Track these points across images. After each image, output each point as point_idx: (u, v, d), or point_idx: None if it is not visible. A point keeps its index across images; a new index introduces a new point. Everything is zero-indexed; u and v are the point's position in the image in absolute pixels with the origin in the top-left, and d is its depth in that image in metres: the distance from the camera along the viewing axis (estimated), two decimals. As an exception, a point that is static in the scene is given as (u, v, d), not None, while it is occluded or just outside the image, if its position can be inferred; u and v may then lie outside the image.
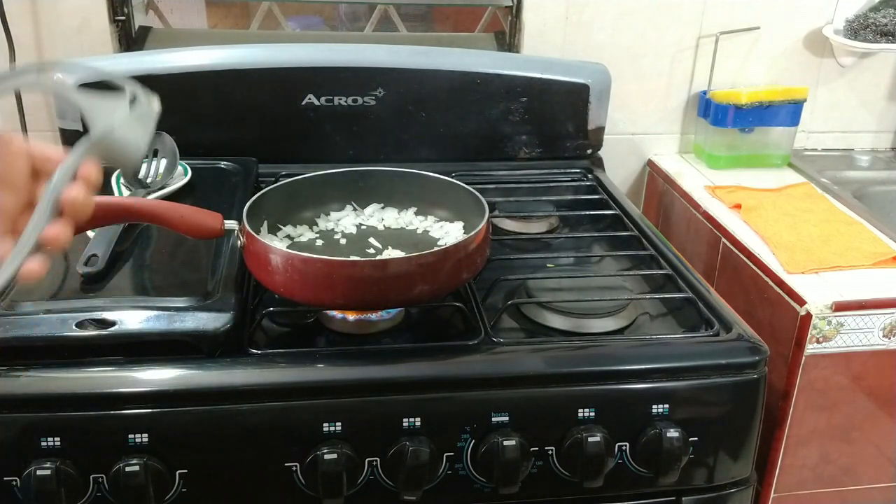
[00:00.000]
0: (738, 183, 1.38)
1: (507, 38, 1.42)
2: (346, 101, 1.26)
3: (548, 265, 1.08)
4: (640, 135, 1.51)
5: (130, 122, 0.56)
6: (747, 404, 0.88)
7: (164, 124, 1.14)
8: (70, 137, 1.23)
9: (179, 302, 0.86)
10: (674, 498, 0.90)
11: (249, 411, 0.80)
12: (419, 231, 1.01)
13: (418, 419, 0.81)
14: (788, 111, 1.43)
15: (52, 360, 0.80)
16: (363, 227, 1.02)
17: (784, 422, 1.07)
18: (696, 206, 1.32)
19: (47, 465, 0.75)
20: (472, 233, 0.87)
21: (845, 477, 1.14)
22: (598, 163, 1.38)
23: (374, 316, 0.91)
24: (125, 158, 0.56)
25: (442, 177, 1.02)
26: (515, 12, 1.39)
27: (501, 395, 0.83)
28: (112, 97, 0.56)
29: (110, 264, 0.93)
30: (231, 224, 0.86)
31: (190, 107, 1.22)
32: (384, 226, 1.02)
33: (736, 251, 1.19)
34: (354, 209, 1.04)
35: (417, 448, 0.80)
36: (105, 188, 1.14)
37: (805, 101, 1.43)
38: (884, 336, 1.05)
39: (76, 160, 0.54)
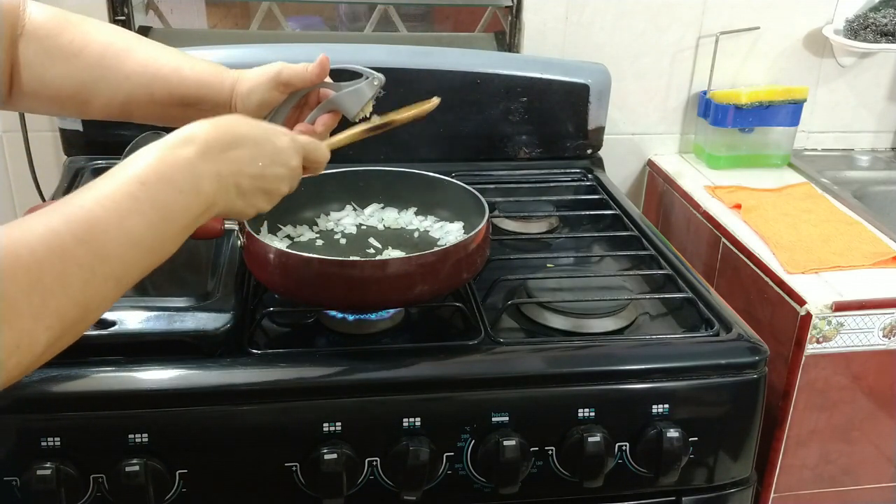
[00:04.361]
0: (738, 183, 1.38)
1: (507, 38, 1.42)
2: (346, 101, 1.26)
3: (548, 265, 1.08)
4: (640, 135, 1.51)
5: (350, 90, 0.86)
6: (747, 404, 0.88)
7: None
8: (70, 138, 1.23)
9: (179, 302, 0.86)
10: (674, 498, 0.90)
11: (249, 411, 0.80)
12: (419, 231, 1.01)
13: (418, 419, 0.81)
14: (788, 111, 1.43)
15: (52, 360, 0.79)
16: (363, 227, 1.02)
17: (784, 422, 1.07)
18: (696, 206, 1.32)
19: (47, 465, 0.75)
20: (472, 233, 0.87)
21: (845, 477, 1.14)
22: (598, 163, 1.38)
23: (373, 316, 0.91)
24: (345, 110, 0.86)
25: (442, 177, 1.02)
26: (515, 12, 1.39)
27: (501, 395, 0.83)
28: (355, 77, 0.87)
29: (110, 264, 0.93)
30: (231, 224, 0.86)
31: (190, 107, 1.22)
32: (384, 226, 1.02)
33: (736, 251, 1.19)
34: (354, 209, 1.04)
35: (417, 448, 0.80)
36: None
37: (805, 101, 1.43)
38: (884, 336, 1.05)
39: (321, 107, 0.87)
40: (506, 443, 0.81)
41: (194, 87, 0.83)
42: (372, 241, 0.98)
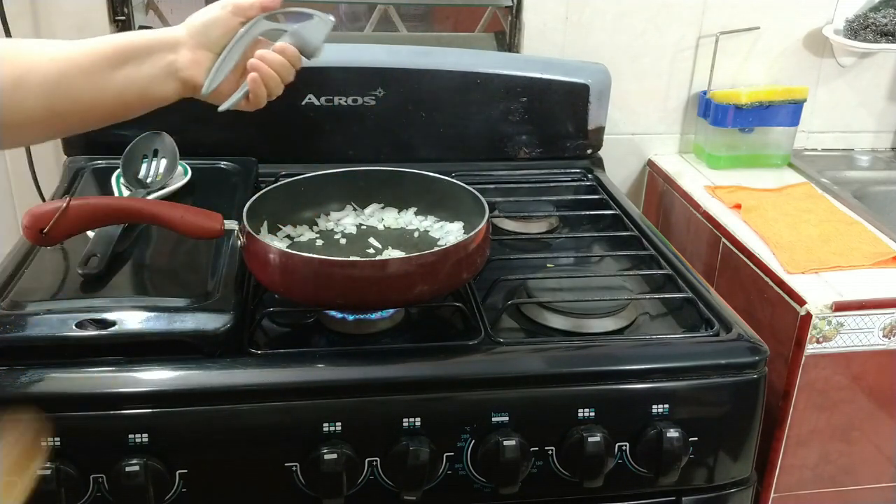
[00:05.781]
0: (738, 183, 1.38)
1: (507, 38, 1.42)
2: (346, 101, 1.26)
3: (548, 265, 1.08)
4: (640, 135, 1.51)
5: (311, 23, 0.87)
6: (747, 404, 0.88)
7: (164, 124, 1.14)
8: (70, 138, 1.22)
9: (179, 302, 0.86)
10: (674, 498, 0.90)
11: (249, 411, 0.80)
12: (419, 231, 1.01)
13: (418, 419, 0.81)
14: (788, 111, 1.43)
15: (52, 360, 0.80)
16: (363, 227, 1.02)
17: (784, 422, 1.07)
18: (696, 206, 1.32)
19: (47, 465, 0.75)
20: (472, 233, 0.87)
21: (845, 477, 1.14)
22: (598, 163, 1.38)
23: (373, 316, 0.91)
24: (306, 43, 0.86)
25: (442, 177, 1.02)
26: (515, 12, 1.39)
27: (501, 395, 0.83)
28: (304, 17, 0.88)
29: (110, 264, 0.93)
30: (231, 224, 0.86)
31: (190, 106, 1.22)
32: (384, 226, 1.02)
33: (736, 251, 1.19)
34: (354, 209, 1.04)
35: (417, 448, 0.80)
36: (105, 188, 1.14)
37: (805, 101, 1.43)
38: (884, 336, 1.05)
39: (279, 33, 0.86)
40: (506, 443, 0.81)
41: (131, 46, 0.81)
42: (372, 241, 0.98)
